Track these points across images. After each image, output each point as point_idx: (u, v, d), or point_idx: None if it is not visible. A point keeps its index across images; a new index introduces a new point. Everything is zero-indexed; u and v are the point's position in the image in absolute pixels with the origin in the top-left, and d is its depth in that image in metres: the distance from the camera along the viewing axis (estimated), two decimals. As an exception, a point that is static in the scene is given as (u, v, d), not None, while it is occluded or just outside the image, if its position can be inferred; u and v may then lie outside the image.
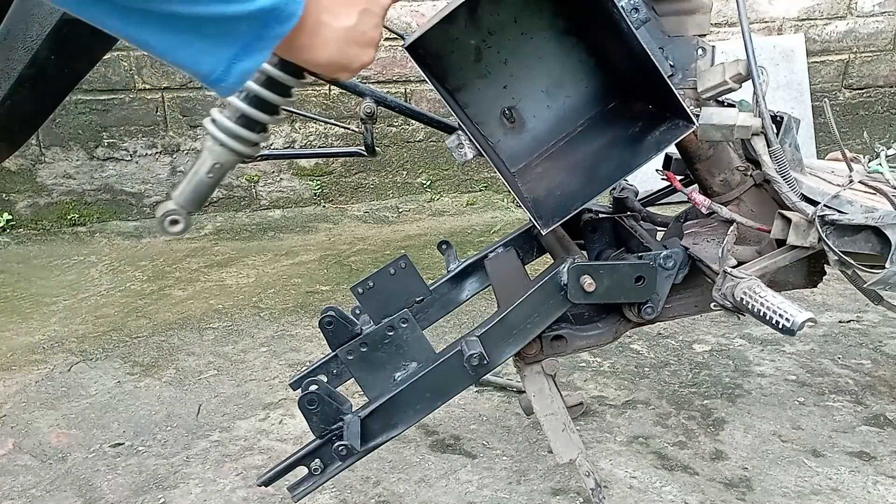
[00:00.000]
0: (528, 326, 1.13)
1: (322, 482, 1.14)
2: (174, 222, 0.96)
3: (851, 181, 1.23)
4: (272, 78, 0.94)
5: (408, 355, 1.18)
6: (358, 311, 1.32)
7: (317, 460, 1.12)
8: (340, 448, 1.08)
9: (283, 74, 0.92)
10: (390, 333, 1.17)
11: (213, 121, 0.96)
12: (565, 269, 1.09)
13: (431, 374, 1.12)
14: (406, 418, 1.13)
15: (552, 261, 1.25)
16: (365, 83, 1.85)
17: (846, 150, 1.31)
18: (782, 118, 1.18)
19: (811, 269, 1.28)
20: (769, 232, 1.13)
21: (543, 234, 1.04)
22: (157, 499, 1.45)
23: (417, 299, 1.31)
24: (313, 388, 1.09)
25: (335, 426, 1.11)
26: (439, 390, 1.13)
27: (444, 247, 1.42)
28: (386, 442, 1.14)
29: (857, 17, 3.53)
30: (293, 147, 3.36)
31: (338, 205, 3.45)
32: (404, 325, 1.17)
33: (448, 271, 1.40)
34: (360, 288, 1.29)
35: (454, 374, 1.12)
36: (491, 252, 1.36)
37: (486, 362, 1.09)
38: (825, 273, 1.29)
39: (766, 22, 3.49)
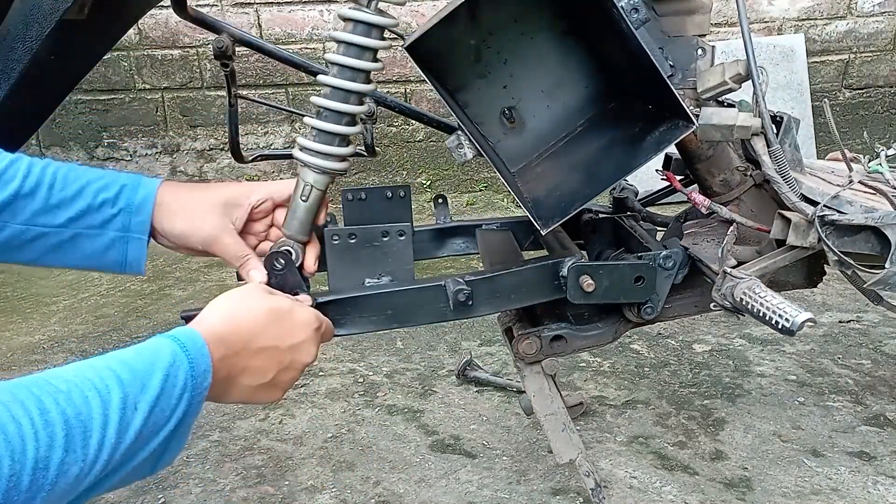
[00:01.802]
0: (513, 296, 1.11)
1: None
2: (287, 254, 0.97)
3: (851, 181, 1.23)
4: (338, 87, 0.94)
5: (387, 266, 1.12)
6: (329, 219, 1.29)
7: None
8: None
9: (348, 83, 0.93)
10: (384, 238, 1.11)
11: (297, 143, 0.97)
12: (567, 265, 1.09)
13: (403, 295, 1.07)
14: (358, 324, 1.07)
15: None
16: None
17: (846, 150, 1.31)
18: (782, 118, 1.17)
19: (811, 269, 1.28)
20: (769, 232, 1.13)
21: (543, 234, 1.04)
22: (157, 499, 1.45)
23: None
24: (287, 248, 1.02)
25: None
26: (404, 314, 1.08)
27: (439, 201, 1.38)
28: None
29: (857, 17, 3.53)
30: (293, 147, 3.37)
31: (338, 204, 3.45)
32: (401, 238, 1.11)
33: (437, 222, 1.37)
34: (350, 194, 1.24)
35: (426, 305, 1.08)
36: (486, 224, 1.35)
37: (470, 304, 1.06)
38: (825, 273, 1.29)
39: (766, 22, 3.50)
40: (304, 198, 0.98)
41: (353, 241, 1.10)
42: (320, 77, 0.97)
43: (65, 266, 0.94)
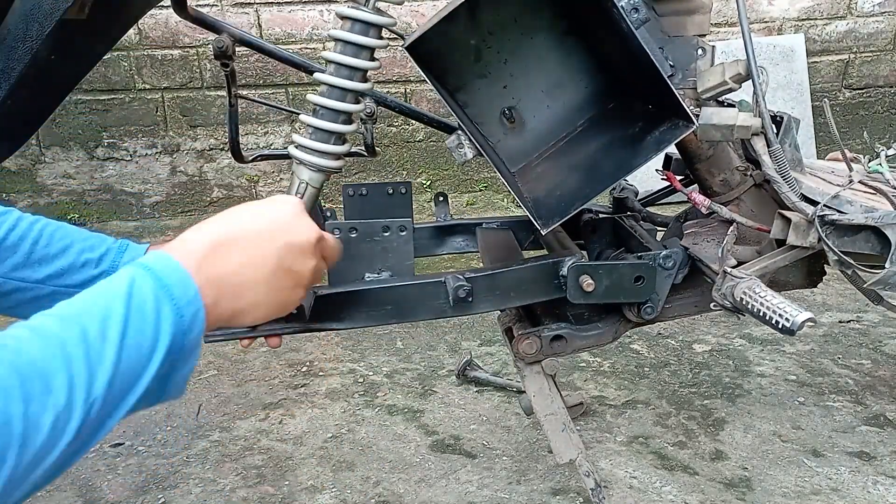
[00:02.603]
0: (513, 294, 1.11)
1: (249, 335, 1.02)
2: None
3: (851, 181, 1.23)
4: (334, 86, 0.95)
5: (387, 262, 1.11)
6: (328, 214, 1.29)
7: None
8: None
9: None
10: (384, 233, 1.10)
11: (293, 141, 0.97)
12: (567, 264, 1.09)
13: (403, 290, 1.07)
14: (357, 318, 1.06)
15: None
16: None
17: (846, 150, 1.31)
18: (782, 118, 1.17)
19: (811, 269, 1.28)
20: (769, 232, 1.13)
21: (543, 234, 1.04)
22: (157, 499, 1.45)
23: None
24: None
25: None
26: (403, 309, 1.08)
27: (440, 199, 1.39)
28: (326, 330, 1.07)
29: (857, 17, 3.53)
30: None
31: (338, 204, 3.45)
32: (401, 233, 1.10)
33: (437, 219, 1.37)
34: (351, 189, 1.24)
35: (426, 300, 1.07)
36: (486, 223, 1.35)
37: (470, 300, 1.05)
38: (825, 273, 1.29)
39: (766, 22, 3.49)
40: (299, 195, 0.98)
41: (353, 235, 1.10)
42: (317, 75, 0.97)
43: None
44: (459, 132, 1.04)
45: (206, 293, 0.64)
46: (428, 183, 3.47)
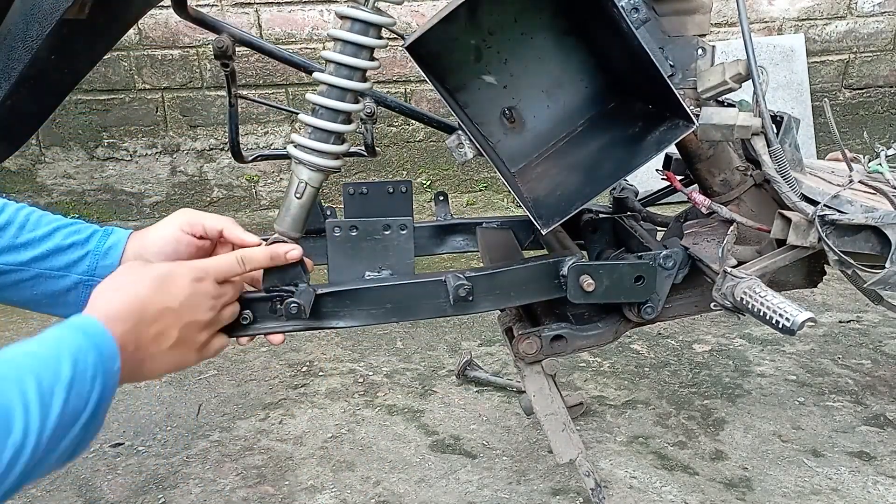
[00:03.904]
0: (513, 294, 1.10)
1: (248, 334, 1.02)
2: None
3: (851, 181, 1.23)
4: (334, 85, 0.95)
5: (388, 260, 1.11)
6: (329, 213, 1.30)
7: (247, 312, 0.99)
8: (292, 305, 0.97)
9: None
10: (385, 232, 1.10)
11: (292, 141, 0.97)
12: (567, 264, 1.09)
13: (404, 289, 1.07)
14: (357, 317, 1.06)
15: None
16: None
17: (846, 150, 1.31)
18: (782, 118, 1.18)
19: (811, 269, 1.28)
20: (769, 232, 1.13)
21: (543, 234, 1.04)
22: (157, 499, 1.45)
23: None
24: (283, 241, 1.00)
25: (287, 288, 1.01)
26: (403, 307, 1.07)
27: (440, 198, 1.40)
28: (326, 329, 1.07)
29: (857, 17, 3.53)
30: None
31: (338, 205, 3.45)
32: (402, 232, 1.10)
33: (437, 218, 1.38)
34: (352, 188, 1.25)
35: (426, 299, 1.07)
36: (486, 223, 1.36)
37: (470, 299, 1.05)
38: (825, 273, 1.29)
39: (766, 22, 3.49)
40: (298, 195, 0.98)
41: (354, 233, 1.10)
42: (316, 74, 0.97)
43: (18, 304, 0.94)
44: (459, 132, 1.04)
45: (124, 362, 0.75)
46: (428, 183, 3.47)
